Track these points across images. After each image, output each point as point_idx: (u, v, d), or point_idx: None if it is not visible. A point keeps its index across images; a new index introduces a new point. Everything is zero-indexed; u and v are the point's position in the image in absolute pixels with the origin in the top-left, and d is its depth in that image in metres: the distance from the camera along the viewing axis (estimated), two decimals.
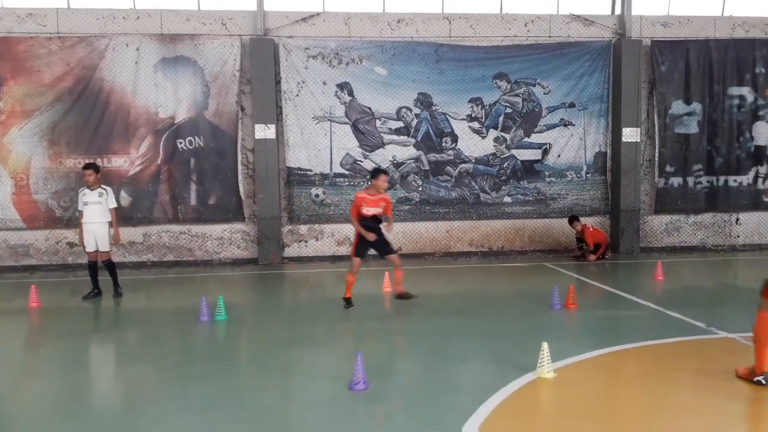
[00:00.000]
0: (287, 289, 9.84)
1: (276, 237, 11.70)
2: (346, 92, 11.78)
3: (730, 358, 5.56)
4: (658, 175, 12.56)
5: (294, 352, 6.03)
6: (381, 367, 5.30)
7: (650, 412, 4.29)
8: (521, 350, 5.65)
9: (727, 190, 12.73)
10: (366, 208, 7.52)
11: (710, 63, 12.43)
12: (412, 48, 11.83)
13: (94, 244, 8.41)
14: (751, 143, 12.73)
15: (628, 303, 7.93)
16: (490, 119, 12.22)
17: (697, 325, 6.58)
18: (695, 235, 12.89)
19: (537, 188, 12.49)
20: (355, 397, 4.64)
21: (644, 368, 5.33)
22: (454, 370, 5.33)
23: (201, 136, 11.61)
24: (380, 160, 11.93)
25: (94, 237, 8.39)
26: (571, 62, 12.21)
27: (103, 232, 8.41)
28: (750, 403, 4.42)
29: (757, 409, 4.31)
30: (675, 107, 12.50)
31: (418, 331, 6.84)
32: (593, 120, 12.46)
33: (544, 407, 4.58)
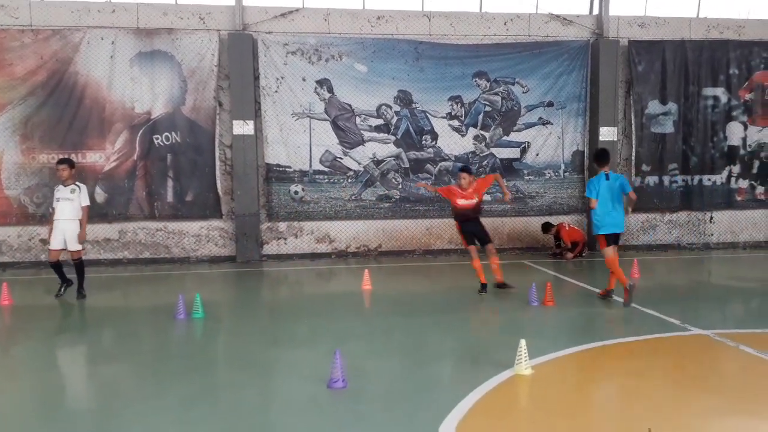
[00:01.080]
0: (266, 287, 9.77)
1: (254, 234, 11.60)
2: (326, 89, 11.72)
3: (704, 354, 5.67)
4: (635, 173, 12.73)
5: (273, 350, 5.98)
6: (360, 365, 5.28)
7: (626, 408, 4.34)
8: (499, 347, 5.68)
9: (701, 189, 12.95)
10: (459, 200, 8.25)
11: (686, 63, 12.62)
12: (392, 45, 11.81)
13: (62, 242, 8.04)
14: (724, 143, 12.96)
15: (605, 300, 8.01)
16: (469, 117, 12.26)
17: (672, 322, 6.67)
18: (670, 233, 13.10)
19: (516, 186, 12.56)
20: (333, 396, 4.61)
21: (621, 365, 5.40)
22: (432, 368, 5.34)
23: (178, 132, 11.45)
24: (360, 157, 11.90)
25: (63, 235, 8.03)
26: (550, 61, 12.30)
27: (73, 229, 8.04)
28: (724, 398, 4.50)
29: (731, 404, 4.38)
30: (651, 107, 12.68)
31: (398, 328, 6.84)
32: (571, 119, 12.58)
33: (522, 404, 4.61)
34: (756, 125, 13.03)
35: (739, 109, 12.95)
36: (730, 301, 8.22)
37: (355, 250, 12.13)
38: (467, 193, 8.15)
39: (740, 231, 13.25)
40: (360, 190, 11.97)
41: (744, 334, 6.15)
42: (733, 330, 6.33)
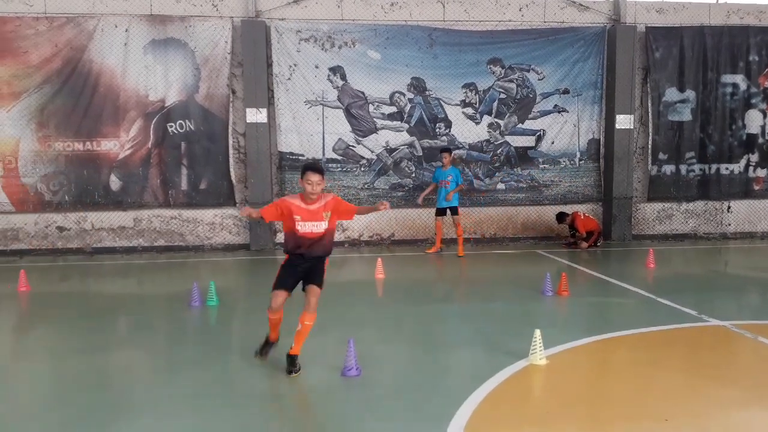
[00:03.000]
0: None
1: (268, 222, 11.59)
2: (339, 76, 11.66)
3: (721, 345, 5.60)
4: (651, 162, 12.57)
5: (286, 338, 5.98)
6: (373, 354, 5.29)
7: (641, 399, 4.30)
8: (513, 337, 5.66)
9: (718, 178, 12.76)
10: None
11: (704, 50, 12.39)
12: (405, 32, 11.71)
13: None
14: (743, 131, 12.75)
15: (620, 290, 7.95)
16: (484, 105, 12.15)
17: (688, 312, 6.61)
18: (687, 223, 12.94)
19: (530, 175, 12.47)
20: (347, 384, 4.63)
21: (635, 355, 5.35)
22: (446, 357, 5.33)
23: (192, 120, 11.47)
24: (373, 145, 11.86)
25: None
26: (566, 48, 12.13)
27: None
28: (740, 389, 4.45)
29: (748, 395, 4.33)
30: (668, 94, 12.48)
31: (411, 317, 6.83)
32: (587, 106, 12.42)
33: (537, 393, 4.59)
34: None
35: (759, 97, 12.71)
36: (748, 291, 8.12)
37: (368, 238, 12.13)
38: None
39: (758, 221, 13.06)
40: (373, 178, 11.94)
41: (762, 326, 6.07)
42: (750, 321, 6.25)
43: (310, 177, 4.82)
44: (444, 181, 10.48)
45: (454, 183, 10.46)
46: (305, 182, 4.85)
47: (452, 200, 10.50)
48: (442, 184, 10.50)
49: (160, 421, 4.03)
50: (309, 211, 4.89)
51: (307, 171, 4.87)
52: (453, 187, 10.43)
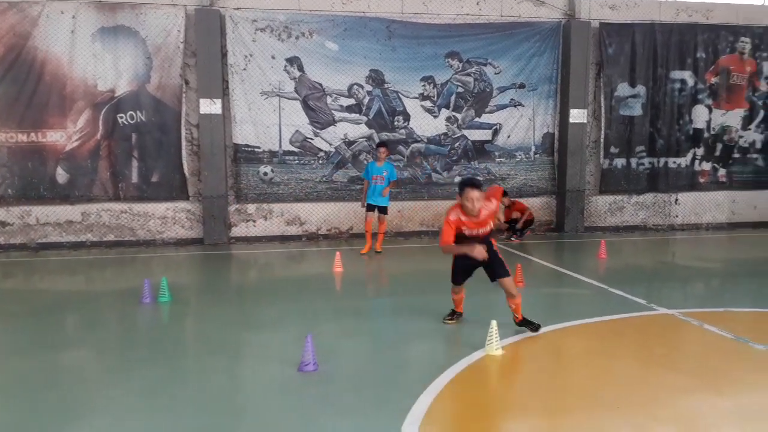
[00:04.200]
0: (235, 270, 9.62)
1: (222, 216, 11.39)
2: (296, 67, 11.49)
3: (670, 333, 5.78)
4: (603, 156, 12.86)
5: (242, 333, 5.90)
6: (332, 348, 5.24)
7: (594, 387, 4.39)
8: (470, 328, 5.70)
9: (667, 172, 13.16)
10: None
11: (654, 47, 12.73)
12: (363, 23, 11.61)
13: None
14: (690, 126, 13.17)
15: (573, 281, 8.12)
16: (442, 98, 12.18)
17: (638, 302, 6.79)
18: (637, 215, 13.32)
19: (487, 168, 12.58)
20: (304, 379, 4.57)
21: (588, 344, 5.47)
22: (404, 349, 5.33)
23: (143, 111, 11.11)
24: (331, 138, 11.74)
25: None
26: (522, 42, 12.27)
27: None
28: (688, 376, 4.59)
29: (695, 382, 4.47)
30: (620, 89, 12.78)
31: (369, 310, 6.81)
32: (542, 101, 12.60)
33: (492, 384, 4.64)
34: (720, 109, 13.26)
35: (705, 93, 13.15)
36: (694, 281, 8.41)
37: (327, 232, 12.03)
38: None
39: (704, 212, 13.55)
40: (331, 171, 11.83)
41: (707, 313, 6.28)
42: (696, 309, 6.47)
43: (471, 194, 4.88)
44: (378, 176, 9.75)
45: (388, 180, 9.78)
46: (466, 200, 4.92)
47: (386, 200, 9.89)
48: (375, 180, 9.77)
49: (112, 422, 3.89)
50: (475, 222, 5.28)
51: (466, 188, 4.95)
52: (387, 184, 9.77)
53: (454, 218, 5.29)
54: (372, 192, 9.81)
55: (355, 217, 11.92)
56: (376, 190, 9.80)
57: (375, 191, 9.81)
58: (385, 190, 9.80)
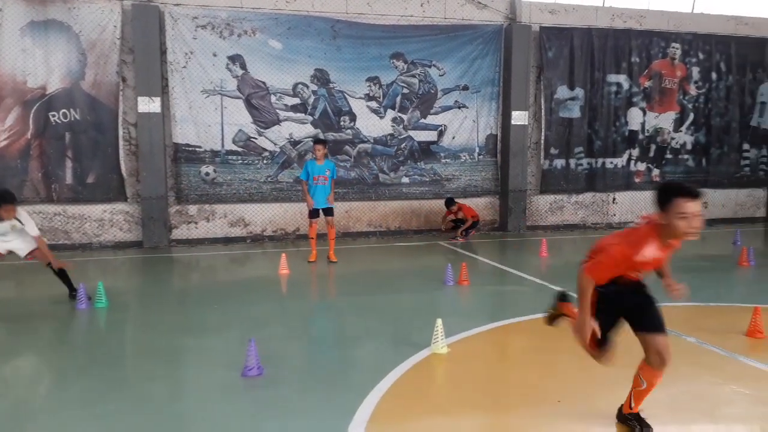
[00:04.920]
0: (176, 274, 9.34)
1: (162, 218, 11.05)
2: (239, 65, 11.27)
3: None
4: (544, 157, 13.22)
5: (183, 339, 5.72)
6: (277, 351, 5.16)
7: (536, 382, 4.49)
8: (417, 327, 5.72)
9: (604, 172, 13.64)
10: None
11: (592, 51, 13.18)
12: (308, 22, 11.51)
13: None
14: (625, 128, 13.71)
15: (516, 278, 8.29)
16: (387, 99, 12.22)
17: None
18: (576, 214, 13.74)
19: (433, 169, 12.71)
20: (248, 384, 4.48)
21: (531, 340, 5.59)
22: (351, 351, 5.30)
23: (77, 109, 10.65)
24: (276, 137, 11.58)
25: None
26: (465, 45, 12.46)
27: None
28: (624, 368, 4.74)
29: (630, 372, 4.63)
30: (560, 92, 13.16)
31: (316, 313, 6.75)
32: (485, 103, 12.83)
33: (438, 382, 4.66)
34: (653, 111, 13.86)
35: (639, 96, 13.72)
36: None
37: (272, 233, 11.85)
38: None
39: (639, 211, 14.09)
40: (276, 171, 11.67)
41: None
42: None
43: (688, 207, 3.09)
44: (320, 176, 9.08)
45: (331, 179, 9.17)
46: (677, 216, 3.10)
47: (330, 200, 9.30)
48: (317, 181, 9.09)
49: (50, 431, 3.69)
50: (661, 256, 3.43)
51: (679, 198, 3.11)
52: (330, 184, 9.15)
53: (637, 248, 3.31)
54: (314, 193, 9.12)
55: (301, 218, 11.79)
56: (317, 191, 9.10)
57: (317, 192, 9.11)
58: (330, 197, 9.19)
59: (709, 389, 4.31)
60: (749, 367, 4.72)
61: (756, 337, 5.39)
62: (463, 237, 11.76)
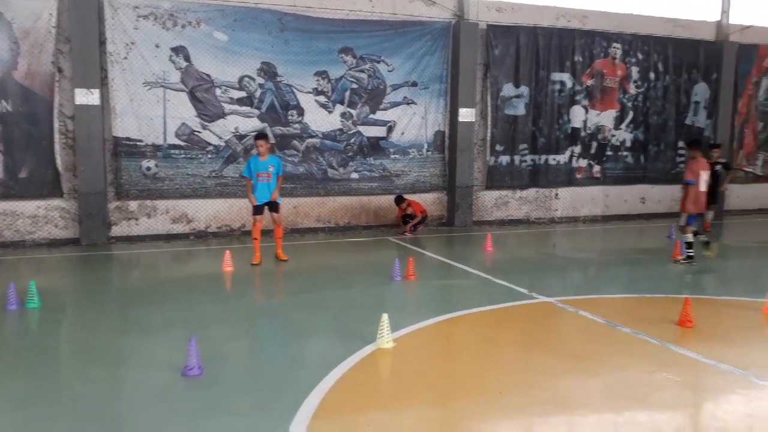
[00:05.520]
0: (115, 272, 9.02)
1: (101, 214, 10.64)
2: (182, 57, 10.95)
3: (548, 319, 6.13)
4: (490, 153, 13.42)
5: (121, 339, 5.54)
6: (219, 350, 5.06)
7: (479, 374, 4.55)
8: (363, 323, 5.71)
9: (547, 168, 13.97)
10: None
11: (537, 49, 13.45)
12: (254, 15, 11.29)
13: None
14: (568, 125, 14.07)
15: (462, 272, 8.40)
16: (336, 94, 12.13)
17: (521, 291, 7.15)
18: (521, 209, 14.04)
19: (382, 165, 12.71)
20: (189, 384, 4.38)
21: (475, 333, 5.67)
22: (295, 348, 5.25)
23: (9, 100, 10.10)
24: (221, 131, 11.32)
25: None
26: (414, 41, 12.50)
27: None
28: (563, 358, 4.88)
29: (569, 363, 4.76)
30: (506, 89, 13.38)
31: (261, 310, 6.66)
32: (433, 99, 12.92)
33: (382, 376, 4.67)
34: (595, 109, 14.28)
35: (582, 94, 14.10)
36: (571, 270, 9.00)
37: (216, 230, 11.60)
38: None
39: (581, 206, 14.54)
40: (221, 166, 11.42)
41: (582, 300, 6.74)
42: (572, 297, 6.92)
43: None
44: (264, 173, 8.66)
45: (276, 176, 8.76)
46: None
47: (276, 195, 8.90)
48: (260, 177, 8.68)
49: None
50: None
51: None
52: (275, 180, 8.74)
53: None
54: (257, 190, 8.71)
55: (247, 213, 11.55)
56: (260, 188, 8.69)
57: (260, 189, 8.70)
58: (275, 193, 8.77)
59: (642, 377, 4.48)
60: (679, 355, 4.93)
61: (686, 327, 5.63)
62: (412, 232, 11.84)
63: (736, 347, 5.15)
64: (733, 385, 4.34)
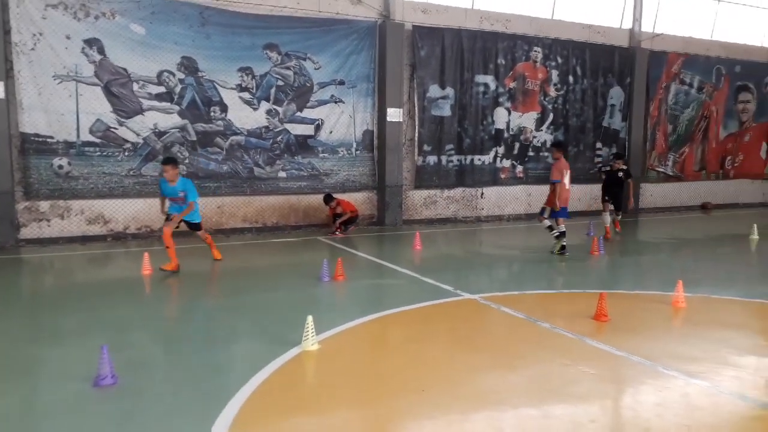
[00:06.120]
0: (24, 277, 8.45)
1: (8, 216, 9.96)
2: (96, 50, 10.40)
3: (472, 316, 6.24)
4: (418, 153, 13.58)
5: (30, 349, 5.18)
6: (136, 358, 4.82)
7: (404, 373, 4.56)
8: (289, 325, 5.61)
9: (473, 168, 14.29)
10: None
11: (462, 51, 13.71)
12: (173, 7, 10.88)
13: None
14: (492, 127, 14.44)
15: (391, 272, 8.43)
16: (261, 90, 11.89)
17: (447, 288, 7.25)
18: (449, 208, 14.28)
19: (311, 163, 12.58)
20: (101, 394, 4.14)
21: (401, 332, 5.69)
22: (217, 353, 5.08)
23: None
24: (139, 128, 10.85)
25: None
26: (340, 40, 12.44)
27: None
28: (487, 355, 4.98)
29: (491, 359, 4.86)
30: (432, 91, 13.57)
31: (182, 314, 6.41)
32: (361, 98, 12.92)
33: (306, 379, 4.60)
34: (518, 111, 14.73)
35: (505, 96, 14.51)
36: (494, 267, 9.22)
37: (136, 231, 11.11)
38: None
39: (505, 205, 14.96)
40: (140, 164, 10.94)
41: (504, 297, 6.91)
42: (495, 293, 7.08)
43: None
44: (175, 198, 8.24)
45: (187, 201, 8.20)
46: None
47: (194, 216, 8.41)
48: (173, 202, 8.31)
49: None
50: None
51: None
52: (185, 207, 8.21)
53: None
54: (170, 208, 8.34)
55: None
56: (172, 209, 8.29)
57: (173, 210, 8.30)
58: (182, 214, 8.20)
59: (559, 370, 4.63)
60: (594, 349, 5.13)
61: (601, 321, 5.88)
62: (342, 232, 11.78)
63: (647, 339, 5.42)
64: (643, 375, 4.56)
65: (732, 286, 7.55)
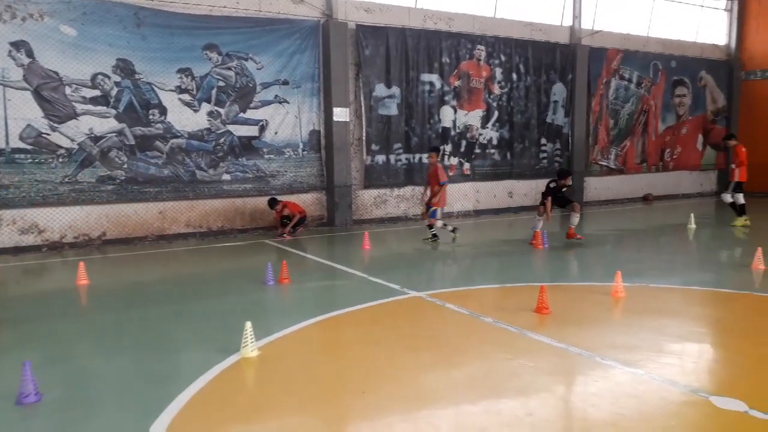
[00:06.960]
0: None
1: None
2: (24, 53, 9.94)
3: (417, 314, 6.22)
4: (366, 152, 13.53)
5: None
6: (63, 373, 4.60)
7: (345, 375, 4.49)
8: (228, 332, 5.46)
9: (421, 167, 14.32)
10: None
11: (406, 50, 13.74)
12: (106, 8, 10.50)
13: None
14: (439, 125, 14.52)
15: (339, 273, 8.35)
16: (202, 92, 11.61)
17: (394, 287, 7.22)
18: (399, 207, 14.29)
19: (256, 165, 12.37)
20: (24, 413, 3.92)
21: (345, 333, 5.62)
22: (152, 363, 4.89)
23: None
24: (73, 133, 10.43)
25: None
26: (283, 39, 12.27)
27: None
28: (430, 353, 4.96)
29: (434, 356, 4.84)
30: (378, 90, 13.54)
31: (117, 325, 6.16)
32: (306, 98, 12.78)
33: (244, 387, 4.47)
34: (463, 109, 14.87)
35: (450, 95, 14.61)
36: (442, 264, 9.25)
37: (73, 240, 10.67)
38: None
39: (454, 202, 15.03)
40: (75, 170, 10.51)
41: (450, 293, 6.93)
42: (441, 290, 7.09)
43: None
44: None
45: None
46: None
47: None
48: None
49: None
50: None
51: None
52: None
53: None
54: None
55: (107, 221, 10.81)
56: None
57: None
58: None
59: (500, 365, 4.65)
60: (535, 341, 5.18)
61: (543, 313, 5.96)
62: (291, 234, 11.62)
63: (586, 330, 5.52)
64: (581, 366, 4.63)
65: (670, 275, 7.79)
